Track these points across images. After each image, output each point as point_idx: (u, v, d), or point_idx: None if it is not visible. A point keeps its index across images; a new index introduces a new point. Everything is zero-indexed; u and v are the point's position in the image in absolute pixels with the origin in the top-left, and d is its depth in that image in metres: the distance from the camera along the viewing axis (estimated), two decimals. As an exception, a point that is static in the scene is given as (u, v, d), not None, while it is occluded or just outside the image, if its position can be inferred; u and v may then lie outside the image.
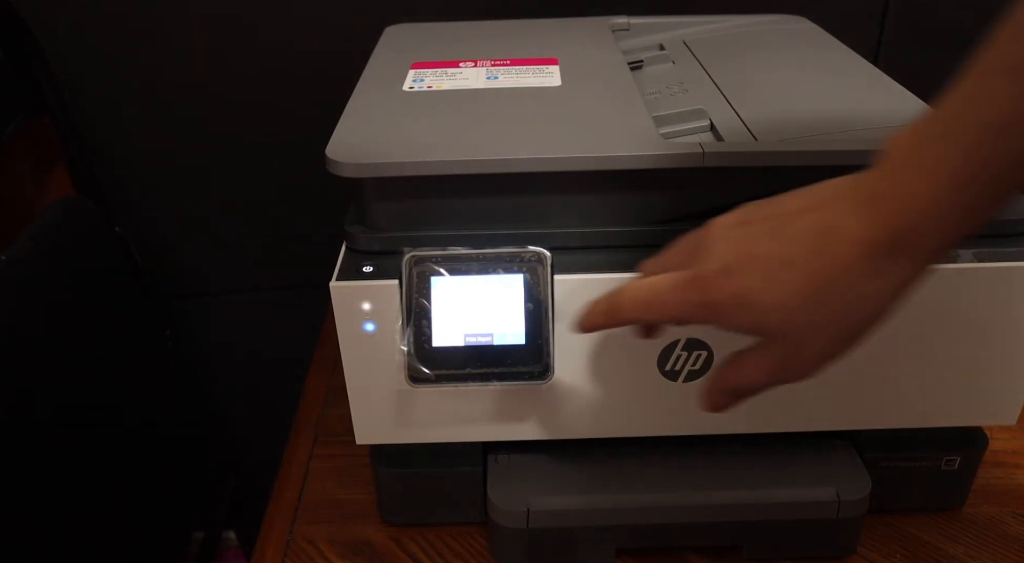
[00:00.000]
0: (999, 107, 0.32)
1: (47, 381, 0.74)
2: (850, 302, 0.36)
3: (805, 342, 0.38)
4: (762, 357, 0.40)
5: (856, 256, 0.35)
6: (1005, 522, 0.62)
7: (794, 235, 0.37)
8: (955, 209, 0.34)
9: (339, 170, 0.50)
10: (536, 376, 0.51)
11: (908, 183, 0.34)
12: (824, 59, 0.69)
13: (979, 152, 0.33)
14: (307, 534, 0.63)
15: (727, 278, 0.38)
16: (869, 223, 0.35)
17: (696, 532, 0.58)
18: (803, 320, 0.37)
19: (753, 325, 0.38)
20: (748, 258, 0.38)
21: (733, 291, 0.38)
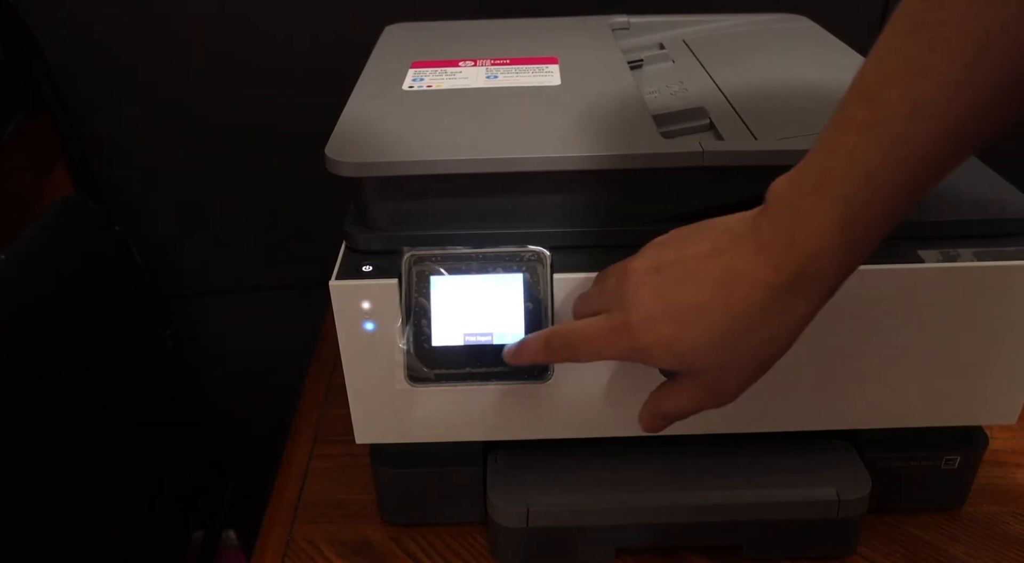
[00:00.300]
0: (861, 161, 0.36)
1: (46, 380, 0.74)
2: (758, 339, 0.40)
3: (722, 376, 0.42)
4: (686, 388, 0.44)
5: (760, 298, 0.39)
6: (1005, 521, 0.62)
7: (703, 281, 0.41)
8: (840, 250, 0.37)
9: (339, 169, 0.50)
10: (536, 376, 0.51)
11: (795, 230, 0.38)
12: (824, 58, 0.69)
13: (849, 201, 0.36)
14: (307, 534, 0.63)
15: (649, 326, 0.42)
16: (768, 267, 0.39)
17: (696, 532, 0.58)
18: (718, 359, 0.41)
19: (676, 365, 0.43)
20: (666, 305, 0.41)
21: (655, 338, 0.42)
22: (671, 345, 0.41)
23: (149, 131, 0.95)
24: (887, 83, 0.35)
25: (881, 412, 0.56)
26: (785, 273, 0.38)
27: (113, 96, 0.93)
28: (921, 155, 0.35)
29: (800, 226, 0.37)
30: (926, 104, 0.34)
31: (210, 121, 0.95)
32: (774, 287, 0.39)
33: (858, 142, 0.36)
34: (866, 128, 0.35)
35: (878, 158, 0.35)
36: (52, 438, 0.74)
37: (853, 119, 0.36)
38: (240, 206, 1.01)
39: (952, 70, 0.33)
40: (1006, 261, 0.50)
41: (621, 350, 0.44)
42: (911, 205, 0.37)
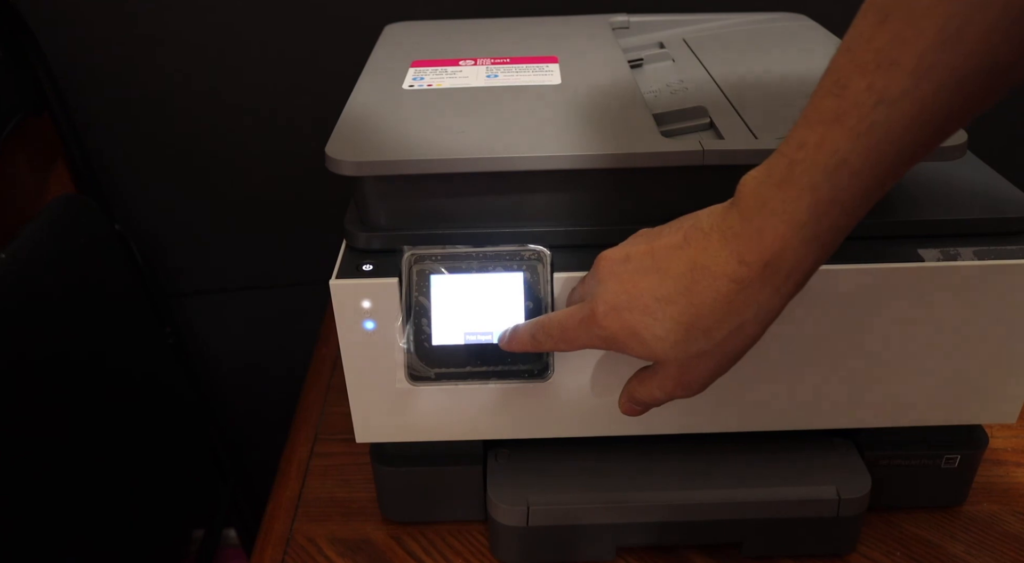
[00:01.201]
0: (829, 153, 0.36)
1: (46, 379, 0.74)
2: (725, 331, 0.41)
3: (690, 366, 0.43)
4: (658, 377, 0.45)
5: (726, 290, 0.40)
6: (1005, 520, 0.62)
7: (670, 272, 0.41)
8: (806, 244, 0.38)
9: (339, 168, 0.50)
10: (536, 374, 0.51)
11: (763, 224, 0.38)
12: (824, 57, 0.68)
13: (817, 193, 0.37)
14: (307, 532, 0.63)
15: (617, 314, 0.43)
16: (735, 260, 0.39)
17: (696, 530, 0.58)
18: (685, 349, 0.42)
19: (645, 354, 0.43)
20: (632, 295, 0.42)
21: (622, 326, 0.42)
22: (637, 334, 0.42)
23: (149, 129, 0.95)
24: (855, 74, 0.35)
25: (881, 411, 0.56)
26: (752, 266, 0.39)
27: (113, 94, 0.93)
28: (888, 145, 0.35)
29: (768, 219, 0.38)
30: (893, 94, 0.34)
31: (210, 120, 0.95)
32: (740, 280, 0.39)
33: (826, 133, 0.36)
34: (834, 118, 0.36)
35: (846, 148, 0.36)
36: (52, 437, 0.74)
37: (821, 110, 0.37)
38: (240, 204, 1.01)
39: (919, 60, 0.33)
40: (1006, 260, 0.50)
41: (592, 339, 0.45)
42: (877, 197, 0.37)
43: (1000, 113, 0.43)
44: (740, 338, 0.41)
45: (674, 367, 0.44)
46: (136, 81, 0.92)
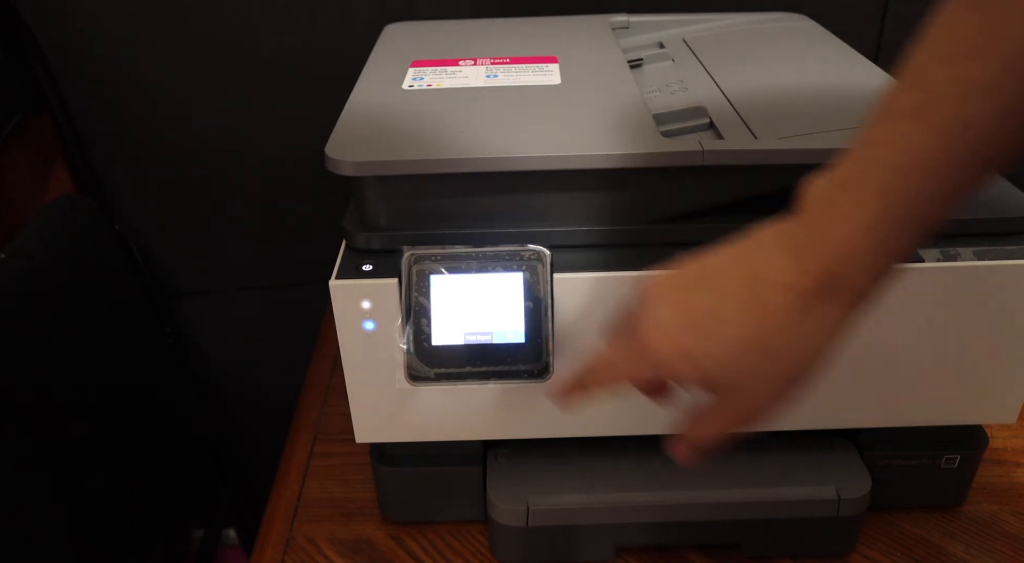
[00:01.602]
0: (904, 150, 0.33)
1: (47, 379, 0.74)
2: (786, 348, 0.38)
3: (750, 391, 0.40)
4: (715, 411, 0.41)
5: (786, 303, 0.37)
6: (1005, 520, 0.62)
7: (726, 288, 0.38)
8: (875, 250, 0.35)
9: (338, 168, 0.50)
10: (536, 375, 0.51)
11: (828, 229, 0.36)
12: (824, 57, 0.69)
13: (890, 195, 0.34)
14: (307, 532, 0.63)
15: (669, 339, 0.39)
16: (795, 270, 0.36)
17: (696, 530, 0.58)
18: (744, 369, 0.38)
19: (701, 380, 0.40)
20: (685, 316, 0.39)
21: (676, 350, 0.39)
22: (691, 356, 0.39)
23: (149, 129, 0.95)
24: (938, 66, 0.33)
25: (881, 411, 0.56)
26: (813, 276, 0.36)
27: (113, 94, 0.93)
28: (969, 144, 0.32)
29: (832, 223, 0.35)
30: (980, 86, 0.32)
31: (210, 119, 0.95)
32: (800, 291, 0.36)
33: (902, 130, 0.33)
34: (911, 114, 0.33)
35: (922, 146, 0.33)
36: (51, 436, 0.74)
37: (897, 105, 0.34)
38: (240, 204, 1.01)
39: (1011, 55, 0.31)
40: (1006, 260, 0.50)
41: (646, 370, 0.42)
42: (953, 205, 0.34)
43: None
44: (802, 355, 0.38)
45: (732, 395, 0.40)
46: (136, 81, 0.92)
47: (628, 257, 0.51)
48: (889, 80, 0.61)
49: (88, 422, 0.79)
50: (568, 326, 0.51)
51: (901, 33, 0.91)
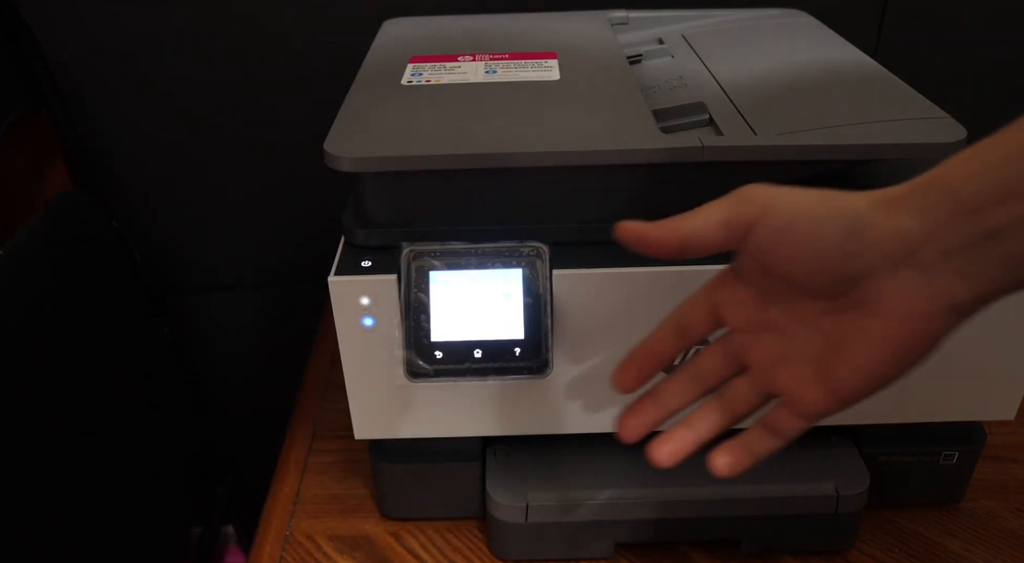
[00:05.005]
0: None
1: (45, 376, 0.74)
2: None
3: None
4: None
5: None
6: (1003, 517, 0.62)
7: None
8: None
9: (337, 164, 0.49)
10: (535, 371, 0.51)
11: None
12: (823, 53, 0.68)
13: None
14: (305, 529, 0.63)
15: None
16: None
17: (695, 527, 0.58)
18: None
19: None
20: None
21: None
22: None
23: (147, 126, 0.95)
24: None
25: (880, 408, 0.56)
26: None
27: (112, 91, 0.93)
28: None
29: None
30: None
31: (208, 116, 0.95)
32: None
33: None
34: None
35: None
36: (50, 434, 0.74)
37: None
38: (238, 201, 1.00)
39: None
40: (1005, 256, 0.50)
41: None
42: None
43: (1000, 111, 0.43)
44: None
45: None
46: (134, 78, 0.92)
47: (628, 253, 0.50)
48: (888, 76, 0.61)
49: (85, 419, 0.79)
50: (567, 322, 0.51)
51: (901, 29, 0.92)
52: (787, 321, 0.39)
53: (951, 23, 0.90)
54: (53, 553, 0.74)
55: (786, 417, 0.41)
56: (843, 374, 0.37)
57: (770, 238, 0.36)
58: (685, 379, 0.43)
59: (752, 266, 0.39)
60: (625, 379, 0.44)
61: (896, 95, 0.58)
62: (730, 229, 0.37)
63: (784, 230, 0.36)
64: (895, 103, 0.57)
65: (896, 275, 0.35)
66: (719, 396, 0.43)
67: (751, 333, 0.40)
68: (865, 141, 0.50)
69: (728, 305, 0.41)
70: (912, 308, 0.35)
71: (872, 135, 0.51)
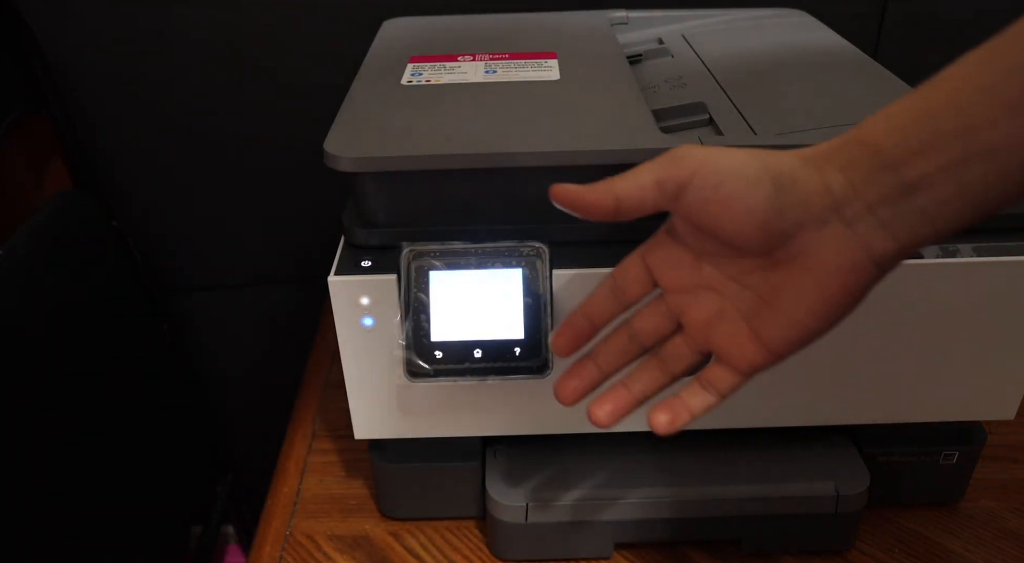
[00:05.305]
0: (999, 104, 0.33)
1: (44, 376, 0.74)
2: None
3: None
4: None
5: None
6: (1003, 517, 0.62)
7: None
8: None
9: (337, 164, 0.49)
10: (535, 371, 0.51)
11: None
12: (823, 53, 0.68)
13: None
14: (305, 528, 0.63)
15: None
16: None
17: (695, 527, 0.58)
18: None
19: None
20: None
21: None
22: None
23: (147, 126, 0.95)
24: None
25: (880, 407, 0.56)
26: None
27: (112, 91, 0.93)
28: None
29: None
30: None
31: (208, 116, 0.95)
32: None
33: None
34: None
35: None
36: (50, 433, 0.74)
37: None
38: (238, 201, 1.00)
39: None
40: (1005, 257, 0.50)
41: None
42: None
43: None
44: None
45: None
46: (134, 77, 0.92)
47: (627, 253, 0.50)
48: (888, 76, 0.61)
49: (85, 418, 0.79)
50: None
51: (900, 29, 0.92)
52: (720, 280, 0.40)
53: (951, 23, 0.90)
54: (53, 552, 0.74)
55: (722, 373, 0.41)
56: (774, 329, 0.38)
57: (701, 197, 0.37)
58: (622, 340, 0.43)
59: (685, 226, 0.40)
60: (563, 342, 0.44)
61: (896, 95, 0.58)
62: (662, 189, 0.38)
63: (714, 188, 0.37)
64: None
65: (824, 230, 0.36)
66: (656, 355, 0.43)
67: (686, 293, 0.41)
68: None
69: (662, 266, 0.42)
70: (840, 262, 0.36)
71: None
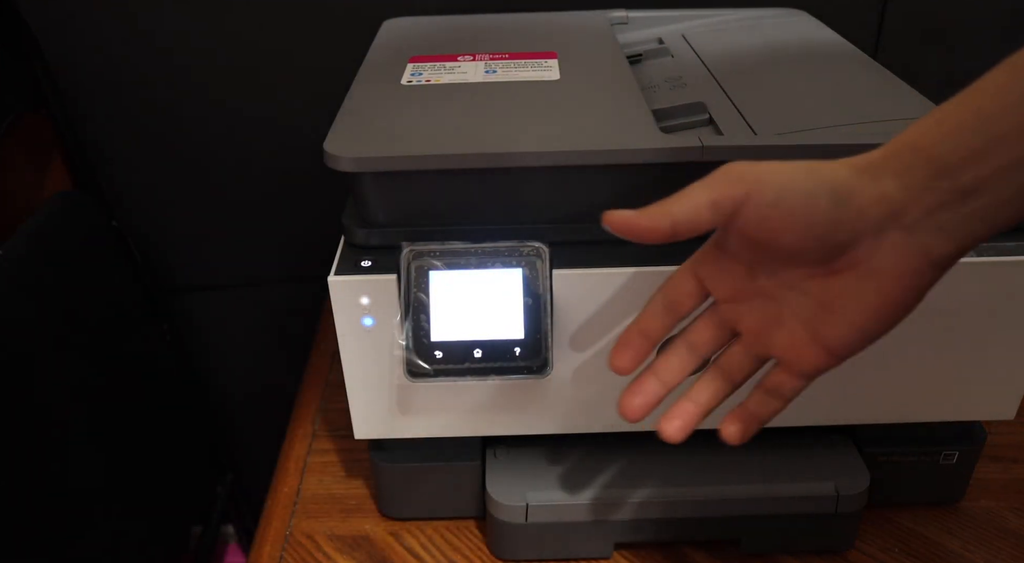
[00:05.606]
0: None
1: (44, 376, 0.74)
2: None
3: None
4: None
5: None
6: (1003, 516, 0.62)
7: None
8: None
9: (337, 164, 0.49)
10: (535, 371, 0.51)
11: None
12: (823, 53, 0.68)
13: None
14: (305, 528, 0.63)
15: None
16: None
17: (695, 526, 0.58)
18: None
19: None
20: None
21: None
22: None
23: (147, 125, 0.95)
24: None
25: (880, 407, 0.56)
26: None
27: (112, 91, 0.93)
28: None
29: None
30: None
31: (208, 116, 0.95)
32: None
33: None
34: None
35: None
36: (50, 433, 0.74)
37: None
38: (238, 201, 1.00)
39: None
40: (1005, 257, 0.50)
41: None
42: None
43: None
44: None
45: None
46: (134, 77, 0.92)
47: (627, 253, 0.50)
48: (888, 76, 0.61)
49: (86, 418, 0.79)
50: (567, 322, 0.51)
51: (900, 29, 0.91)
52: (775, 288, 0.40)
53: (951, 23, 0.90)
54: (54, 552, 0.74)
55: (785, 378, 0.42)
56: (837, 332, 0.39)
57: (759, 215, 0.37)
58: (680, 353, 0.44)
59: (739, 240, 0.40)
60: (621, 361, 0.44)
61: (896, 95, 0.58)
62: (718, 210, 0.38)
63: (771, 206, 0.37)
64: (895, 103, 0.57)
65: (882, 238, 0.36)
66: (715, 366, 0.44)
67: (740, 302, 0.42)
68: (864, 141, 0.50)
69: (714, 278, 0.42)
70: (900, 268, 0.36)
71: (871, 135, 0.50)
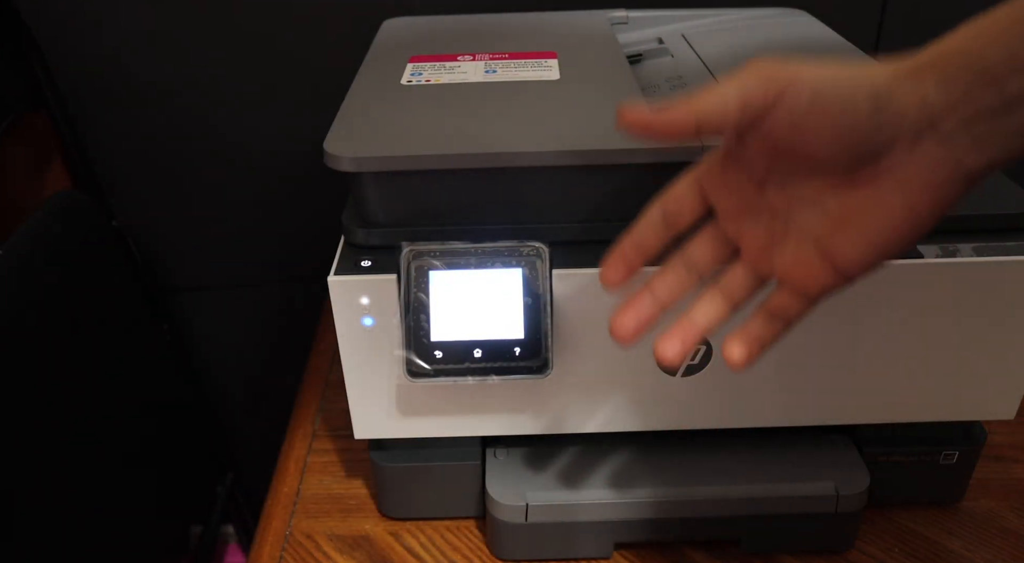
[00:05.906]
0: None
1: (44, 375, 0.74)
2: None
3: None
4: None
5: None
6: (1003, 516, 0.62)
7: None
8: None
9: (337, 164, 0.49)
10: (535, 370, 0.51)
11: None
12: (823, 53, 0.68)
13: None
14: (305, 528, 0.63)
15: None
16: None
17: (695, 526, 0.58)
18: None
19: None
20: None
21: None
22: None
23: (147, 126, 0.95)
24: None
25: (880, 407, 0.56)
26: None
27: (112, 91, 0.93)
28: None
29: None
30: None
31: (208, 115, 0.95)
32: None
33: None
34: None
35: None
36: (50, 433, 0.74)
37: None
38: (238, 200, 1.00)
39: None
40: (1005, 256, 0.50)
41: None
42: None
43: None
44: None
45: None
46: (133, 77, 0.92)
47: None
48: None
49: (85, 418, 0.79)
50: (567, 322, 0.51)
51: (900, 29, 0.91)
52: (784, 202, 0.38)
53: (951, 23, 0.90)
54: (53, 552, 0.74)
55: (788, 300, 0.39)
56: (850, 249, 0.36)
57: (791, 117, 0.35)
58: (677, 270, 0.41)
59: (761, 146, 0.37)
60: (613, 273, 0.42)
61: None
62: (747, 109, 0.36)
63: (807, 108, 0.35)
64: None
65: (916, 146, 0.34)
66: (715, 285, 0.41)
67: (743, 217, 0.39)
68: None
69: (719, 190, 0.40)
70: (932, 178, 0.34)
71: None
